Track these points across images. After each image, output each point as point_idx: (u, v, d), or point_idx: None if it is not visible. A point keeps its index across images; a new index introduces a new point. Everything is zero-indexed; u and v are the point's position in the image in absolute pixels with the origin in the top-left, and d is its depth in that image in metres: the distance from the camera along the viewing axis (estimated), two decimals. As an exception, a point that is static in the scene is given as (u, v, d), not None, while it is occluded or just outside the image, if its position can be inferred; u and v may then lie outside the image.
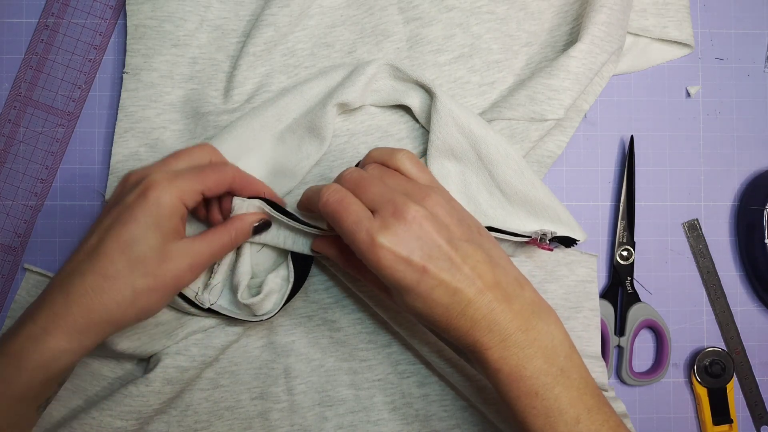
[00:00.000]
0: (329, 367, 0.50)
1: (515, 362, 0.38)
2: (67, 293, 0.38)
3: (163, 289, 0.40)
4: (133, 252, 0.39)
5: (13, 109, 0.52)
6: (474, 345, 0.39)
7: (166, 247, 0.40)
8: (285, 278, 0.47)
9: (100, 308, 0.38)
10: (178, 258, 0.40)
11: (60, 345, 0.38)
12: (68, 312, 0.38)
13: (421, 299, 0.38)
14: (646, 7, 0.52)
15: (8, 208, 0.52)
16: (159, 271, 0.40)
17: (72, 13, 0.52)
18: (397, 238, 0.38)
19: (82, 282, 0.38)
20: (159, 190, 0.39)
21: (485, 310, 0.38)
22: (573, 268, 0.51)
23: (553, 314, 0.40)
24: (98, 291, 0.38)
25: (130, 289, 0.39)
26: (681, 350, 0.53)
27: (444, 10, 0.52)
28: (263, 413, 0.49)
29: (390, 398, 0.50)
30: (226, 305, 0.48)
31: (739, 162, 0.54)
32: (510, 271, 0.40)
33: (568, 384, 0.38)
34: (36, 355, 0.38)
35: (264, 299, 0.46)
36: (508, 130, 0.49)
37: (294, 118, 0.49)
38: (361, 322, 0.50)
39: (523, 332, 0.38)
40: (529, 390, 0.38)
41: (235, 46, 0.52)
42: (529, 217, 0.48)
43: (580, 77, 0.47)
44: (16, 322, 0.40)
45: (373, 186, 0.40)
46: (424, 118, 0.50)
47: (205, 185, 0.41)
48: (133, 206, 0.39)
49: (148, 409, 0.46)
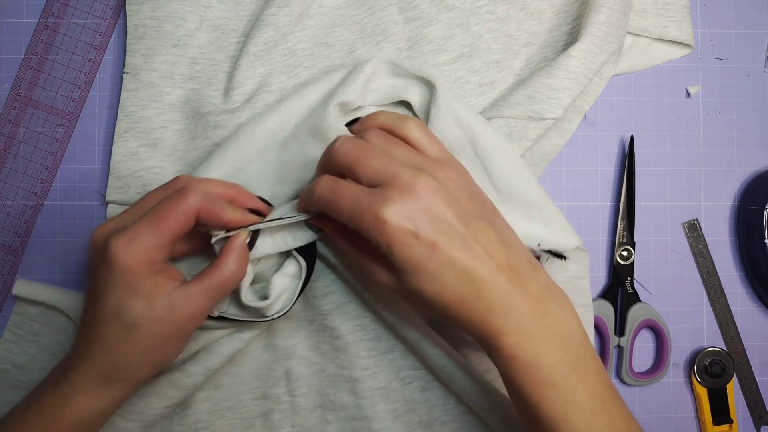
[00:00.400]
0: (330, 372, 0.50)
1: (533, 350, 0.36)
2: (85, 357, 0.39)
3: (169, 343, 0.40)
4: (124, 320, 0.38)
5: (13, 109, 0.52)
6: (488, 331, 0.36)
7: (156, 306, 0.38)
8: (292, 275, 0.46)
9: (116, 370, 0.39)
10: (173, 312, 0.39)
11: (90, 400, 0.39)
12: (91, 373, 0.39)
13: (430, 279, 0.36)
14: (646, 7, 0.52)
15: (8, 208, 0.52)
16: (156, 330, 0.39)
17: (72, 13, 0.52)
18: (404, 210, 0.35)
19: (92, 349, 0.39)
20: (121, 257, 0.37)
21: (501, 293, 0.36)
22: (565, 264, 0.50)
23: (567, 298, 0.38)
24: (108, 357, 0.39)
25: (136, 351, 0.39)
26: (681, 350, 0.53)
27: (444, 10, 0.52)
28: (264, 413, 0.49)
29: (392, 406, 0.49)
30: (236, 311, 0.47)
31: (739, 162, 0.54)
32: (522, 252, 0.38)
33: (584, 374, 0.36)
34: (69, 411, 0.39)
35: (274, 301, 0.45)
36: (506, 128, 0.49)
37: (296, 124, 0.49)
38: (362, 328, 0.49)
39: (539, 317, 0.36)
40: (545, 380, 0.36)
41: (235, 46, 0.52)
42: (522, 217, 0.47)
43: (579, 77, 0.47)
44: (51, 375, 0.42)
45: (374, 159, 0.37)
46: (424, 113, 0.50)
47: (165, 235, 0.38)
48: (106, 278, 0.38)
49: (151, 411, 0.46)
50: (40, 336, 0.50)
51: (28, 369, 0.50)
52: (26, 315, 0.50)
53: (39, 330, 0.50)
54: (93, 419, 0.40)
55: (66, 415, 0.39)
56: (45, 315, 0.50)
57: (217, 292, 0.40)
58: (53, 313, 0.50)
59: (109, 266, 0.38)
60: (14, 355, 0.50)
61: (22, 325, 0.50)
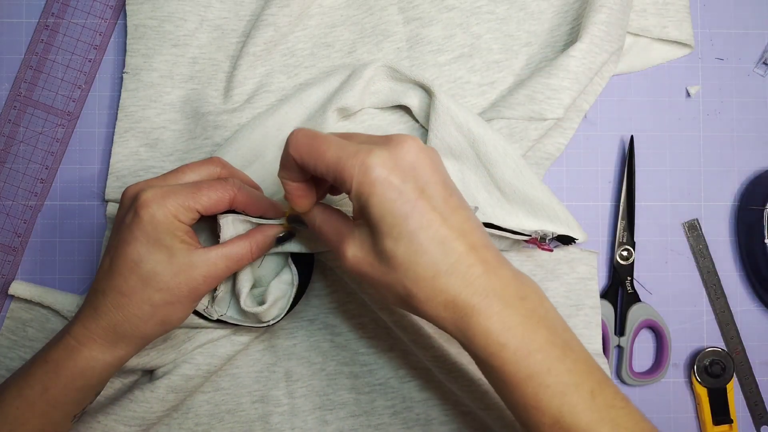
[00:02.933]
0: (330, 371, 0.50)
1: (521, 334, 0.33)
2: (95, 308, 0.40)
3: (179, 301, 0.40)
4: (142, 270, 0.39)
5: (13, 109, 0.52)
6: (464, 313, 0.34)
7: (176, 260, 0.39)
8: (288, 282, 0.47)
9: (124, 323, 0.40)
10: (191, 270, 0.40)
11: (93, 355, 0.40)
12: (97, 326, 0.40)
13: (405, 241, 0.33)
14: (646, 7, 0.52)
15: (8, 208, 0.52)
16: (172, 284, 0.40)
17: (72, 13, 0.52)
18: (390, 162, 0.33)
19: (104, 299, 0.40)
20: (151, 207, 0.39)
21: (479, 270, 0.34)
22: (573, 266, 0.51)
23: (539, 287, 0.36)
24: (119, 307, 0.40)
25: (147, 304, 0.40)
26: (681, 350, 0.53)
27: (444, 10, 0.52)
28: (264, 416, 0.49)
29: (391, 402, 0.50)
30: (234, 314, 0.47)
31: (739, 162, 0.54)
32: (491, 242, 0.36)
33: (575, 357, 0.34)
34: (71, 363, 0.40)
35: (270, 307, 0.45)
36: (507, 129, 0.49)
37: (295, 127, 0.49)
38: (362, 326, 0.50)
39: (521, 300, 0.34)
40: (540, 366, 0.33)
41: (235, 46, 0.52)
42: (528, 217, 0.48)
43: (579, 77, 0.47)
44: (57, 333, 0.42)
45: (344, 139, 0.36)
46: (423, 117, 0.50)
47: (199, 204, 0.40)
48: (131, 226, 0.39)
49: (151, 416, 0.46)
50: (34, 341, 0.50)
51: None
52: (20, 320, 0.50)
53: (33, 335, 0.50)
54: (95, 374, 0.40)
55: (68, 367, 0.39)
56: (39, 320, 0.50)
57: (234, 263, 0.41)
58: (47, 319, 0.50)
59: (137, 216, 0.39)
60: (9, 360, 0.50)
61: (17, 330, 0.50)
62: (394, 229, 0.34)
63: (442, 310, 0.34)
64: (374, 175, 0.33)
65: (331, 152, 0.34)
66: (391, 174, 0.33)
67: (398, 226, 0.34)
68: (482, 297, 0.34)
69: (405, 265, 0.34)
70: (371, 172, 0.33)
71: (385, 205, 0.33)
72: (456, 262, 0.34)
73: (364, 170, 0.33)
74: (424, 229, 0.34)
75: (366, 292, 0.48)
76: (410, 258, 0.34)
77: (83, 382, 0.40)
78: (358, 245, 0.36)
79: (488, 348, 0.34)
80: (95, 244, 0.52)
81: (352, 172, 0.34)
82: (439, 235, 0.34)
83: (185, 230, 0.40)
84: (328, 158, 0.35)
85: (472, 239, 0.35)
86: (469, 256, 0.34)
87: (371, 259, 0.35)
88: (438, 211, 0.34)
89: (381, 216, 0.34)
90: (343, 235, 0.37)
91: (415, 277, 0.34)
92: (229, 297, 0.47)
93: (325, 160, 0.35)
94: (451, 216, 0.34)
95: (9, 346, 0.50)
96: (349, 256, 0.36)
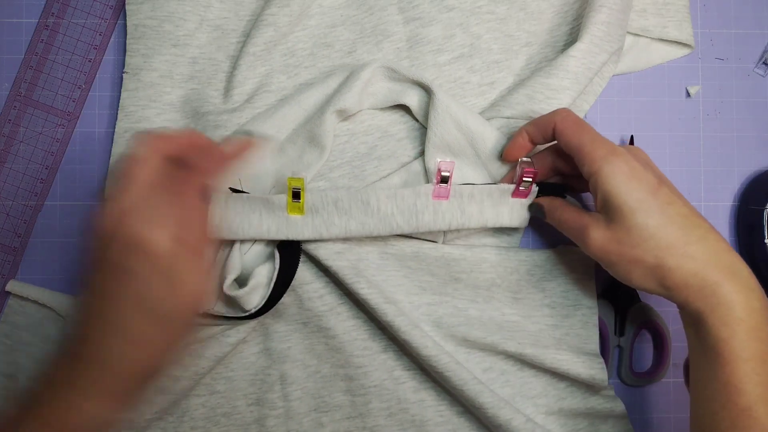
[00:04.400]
0: (325, 373, 0.50)
1: (760, 317, 0.37)
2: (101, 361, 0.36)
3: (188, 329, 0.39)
4: (147, 306, 0.36)
5: (13, 109, 0.52)
6: (718, 282, 0.37)
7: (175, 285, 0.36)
8: (271, 269, 0.47)
9: (133, 372, 0.36)
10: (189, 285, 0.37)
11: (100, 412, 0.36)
12: (103, 377, 0.36)
13: (656, 214, 0.39)
14: (646, 7, 0.52)
15: (8, 208, 0.52)
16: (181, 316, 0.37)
17: (72, 13, 0.52)
18: (633, 155, 0.41)
19: (110, 349, 0.36)
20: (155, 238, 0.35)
21: (724, 245, 0.38)
22: (571, 266, 0.51)
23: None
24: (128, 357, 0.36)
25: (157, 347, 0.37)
26: (681, 350, 0.53)
27: (444, 10, 0.52)
28: (259, 420, 0.49)
29: (386, 404, 0.50)
30: (220, 308, 0.48)
31: (739, 162, 0.54)
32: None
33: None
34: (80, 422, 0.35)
35: (251, 292, 0.46)
36: (506, 129, 0.49)
37: (293, 129, 0.49)
38: (356, 329, 0.50)
39: (758, 285, 0.38)
40: (763, 354, 0.36)
41: (235, 46, 0.52)
42: None
43: (579, 77, 0.47)
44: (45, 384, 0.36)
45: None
46: (423, 116, 0.50)
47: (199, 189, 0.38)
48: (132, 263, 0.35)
49: (141, 419, 0.46)
50: (29, 345, 0.50)
51: (18, 378, 0.50)
52: (15, 325, 0.50)
53: (28, 340, 0.50)
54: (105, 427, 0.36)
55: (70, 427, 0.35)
56: (34, 325, 0.50)
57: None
58: (42, 323, 0.50)
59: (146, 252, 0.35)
60: (4, 365, 0.50)
61: (12, 335, 0.50)
62: (644, 204, 0.39)
63: (691, 277, 0.38)
64: (623, 160, 0.40)
65: (588, 135, 0.41)
66: (634, 162, 0.40)
67: (648, 201, 0.39)
68: (730, 272, 0.38)
69: (658, 234, 0.39)
70: (617, 158, 0.40)
71: (632, 184, 0.39)
72: (705, 234, 0.39)
73: (610, 157, 0.40)
74: (671, 204, 0.39)
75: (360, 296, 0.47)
76: (663, 228, 0.39)
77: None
78: (603, 227, 0.41)
79: (726, 318, 0.37)
80: (95, 244, 0.52)
81: (603, 152, 0.40)
82: (683, 211, 0.39)
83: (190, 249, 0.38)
84: (584, 138, 0.41)
85: (704, 223, 0.39)
86: (714, 231, 0.39)
87: (620, 235, 0.40)
88: (677, 195, 0.40)
89: (629, 192, 0.39)
90: (584, 222, 0.42)
91: (667, 245, 0.38)
92: (217, 290, 0.47)
93: (581, 138, 0.41)
94: (686, 201, 0.40)
95: (4, 351, 0.50)
96: (596, 237, 0.41)
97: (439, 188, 0.45)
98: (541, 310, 0.50)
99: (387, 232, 0.46)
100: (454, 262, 0.50)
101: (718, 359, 0.37)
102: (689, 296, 0.39)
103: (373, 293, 0.47)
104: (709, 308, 0.38)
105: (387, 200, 0.45)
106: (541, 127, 0.44)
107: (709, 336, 0.38)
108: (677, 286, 0.39)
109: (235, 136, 0.48)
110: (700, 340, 0.39)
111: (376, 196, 0.45)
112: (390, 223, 0.46)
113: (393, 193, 0.45)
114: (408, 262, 0.50)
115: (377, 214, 0.46)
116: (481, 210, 0.46)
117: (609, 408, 0.49)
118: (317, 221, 0.46)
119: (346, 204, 0.46)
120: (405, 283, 0.50)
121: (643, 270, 0.40)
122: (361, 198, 0.45)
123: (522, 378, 0.50)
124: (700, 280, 0.38)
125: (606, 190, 0.40)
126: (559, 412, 0.49)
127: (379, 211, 0.46)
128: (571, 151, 0.42)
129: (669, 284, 0.39)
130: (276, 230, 0.46)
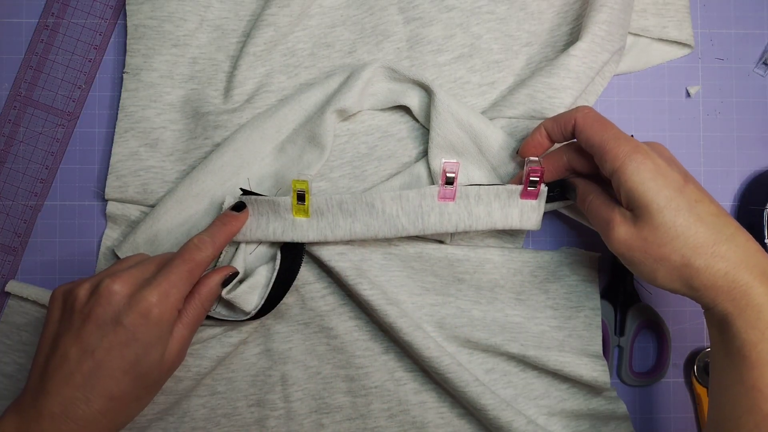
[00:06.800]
0: (326, 374, 0.50)
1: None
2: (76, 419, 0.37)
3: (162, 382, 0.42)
4: (138, 370, 0.39)
5: (13, 109, 0.52)
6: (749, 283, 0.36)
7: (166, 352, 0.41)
8: (272, 270, 0.47)
9: (112, 427, 0.39)
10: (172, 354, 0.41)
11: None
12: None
13: (684, 211, 0.37)
14: (646, 7, 0.52)
15: (8, 208, 0.52)
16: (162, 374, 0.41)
17: (72, 13, 0.52)
18: (657, 153, 0.39)
19: (89, 407, 0.38)
20: (160, 308, 0.39)
21: (755, 246, 0.37)
22: (575, 267, 0.51)
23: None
24: (108, 413, 0.38)
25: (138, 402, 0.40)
26: (681, 350, 0.53)
27: (444, 10, 0.52)
28: (260, 420, 0.49)
29: (387, 405, 0.50)
30: (222, 310, 0.48)
31: (739, 162, 0.54)
32: None
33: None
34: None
35: (249, 291, 0.46)
36: (508, 128, 0.49)
37: (293, 129, 0.49)
38: (358, 329, 0.50)
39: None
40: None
41: (235, 46, 0.52)
42: None
43: (580, 76, 0.47)
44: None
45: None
46: (424, 116, 0.50)
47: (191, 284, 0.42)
48: (136, 329, 0.39)
49: (141, 419, 0.47)
50: (28, 345, 0.50)
51: (17, 378, 0.50)
52: (14, 325, 0.50)
53: (27, 339, 0.50)
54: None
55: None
56: (33, 325, 0.50)
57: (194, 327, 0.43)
58: (41, 323, 0.50)
59: (145, 318, 0.39)
60: (3, 365, 0.50)
61: (11, 335, 0.50)
62: (672, 201, 0.37)
63: (720, 277, 0.37)
64: (647, 157, 0.38)
65: (611, 132, 0.40)
66: (658, 159, 0.39)
67: (675, 199, 0.38)
68: (762, 273, 0.36)
69: (686, 233, 0.37)
70: (640, 156, 0.38)
71: (658, 181, 0.38)
72: (735, 233, 0.37)
73: (634, 155, 0.38)
74: (700, 202, 0.38)
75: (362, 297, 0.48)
76: (691, 226, 0.37)
77: None
78: (629, 224, 0.40)
79: (754, 321, 0.36)
80: (95, 244, 0.52)
81: (627, 149, 0.39)
82: (712, 209, 0.38)
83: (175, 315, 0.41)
84: (606, 134, 0.40)
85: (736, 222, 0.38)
86: (743, 231, 0.38)
87: (645, 233, 0.39)
88: (704, 193, 0.39)
89: (655, 189, 0.38)
90: (610, 216, 0.41)
91: (695, 244, 0.37)
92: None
93: (603, 134, 0.40)
94: (713, 199, 0.39)
95: (3, 351, 0.50)
96: (621, 233, 0.40)
97: (445, 189, 0.45)
98: (545, 312, 0.50)
99: (392, 234, 0.46)
100: (457, 262, 0.50)
101: (745, 362, 0.36)
102: (717, 297, 0.37)
103: (375, 294, 0.47)
104: (738, 310, 0.37)
105: (392, 202, 0.45)
106: (561, 124, 0.43)
107: (735, 338, 0.37)
108: (705, 287, 0.38)
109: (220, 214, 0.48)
110: (725, 342, 0.38)
111: (380, 198, 0.45)
112: (395, 224, 0.46)
113: (398, 194, 0.45)
114: (411, 262, 0.50)
115: (382, 216, 0.46)
116: (489, 212, 0.46)
117: (611, 409, 0.49)
118: (322, 223, 0.46)
119: (351, 206, 0.46)
120: (408, 283, 0.50)
121: (668, 269, 0.38)
122: (366, 200, 0.45)
123: (524, 379, 0.50)
124: (729, 281, 0.37)
125: (631, 187, 0.39)
126: (561, 413, 0.49)
127: (383, 212, 0.45)
128: (592, 148, 0.41)
129: (696, 284, 0.38)
130: (282, 232, 0.47)
